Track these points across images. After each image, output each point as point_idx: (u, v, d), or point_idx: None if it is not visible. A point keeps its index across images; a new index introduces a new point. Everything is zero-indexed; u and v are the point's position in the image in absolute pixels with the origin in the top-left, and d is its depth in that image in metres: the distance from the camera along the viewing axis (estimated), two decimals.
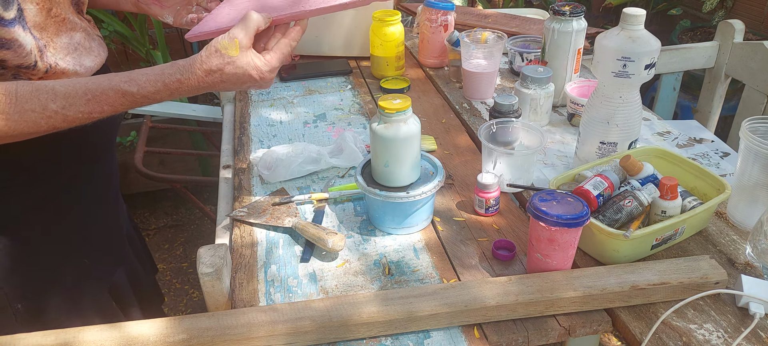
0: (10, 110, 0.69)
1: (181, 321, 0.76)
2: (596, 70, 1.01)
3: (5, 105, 0.68)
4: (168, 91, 0.77)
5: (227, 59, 0.78)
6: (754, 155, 0.90)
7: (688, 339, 0.76)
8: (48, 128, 0.73)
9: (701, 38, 2.76)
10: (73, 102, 0.73)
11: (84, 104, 0.73)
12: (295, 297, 0.85)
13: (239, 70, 0.79)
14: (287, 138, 1.28)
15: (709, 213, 0.95)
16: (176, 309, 2.15)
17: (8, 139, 0.71)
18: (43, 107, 0.71)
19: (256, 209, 1.03)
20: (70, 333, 0.74)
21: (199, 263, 0.81)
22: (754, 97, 1.65)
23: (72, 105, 0.73)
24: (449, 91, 1.49)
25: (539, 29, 1.70)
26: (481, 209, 1.01)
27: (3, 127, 0.69)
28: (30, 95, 0.70)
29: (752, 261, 0.89)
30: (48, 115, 0.71)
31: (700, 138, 1.27)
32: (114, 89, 0.75)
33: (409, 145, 0.92)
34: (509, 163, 1.05)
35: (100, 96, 0.74)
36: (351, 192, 1.06)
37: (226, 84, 0.80)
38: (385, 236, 0.97)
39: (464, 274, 0.89)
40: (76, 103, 0.73)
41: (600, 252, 0.89)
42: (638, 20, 0.96)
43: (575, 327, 0.80)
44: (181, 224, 2.58)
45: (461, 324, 0.80)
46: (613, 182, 0.92)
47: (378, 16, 1.50)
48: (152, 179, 1.78)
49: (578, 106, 1.29)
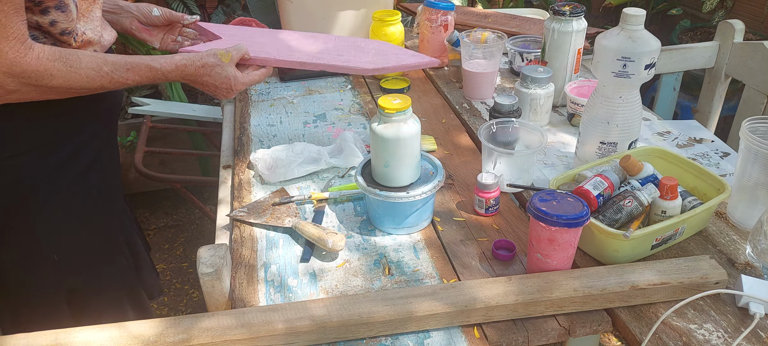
0: (75, 65, 0.86)
1: (181, 321, 0.76)
2: (596, 70, 1.01)
3: (73, 61, 0.85)
4: (178, 72, 1.00)
5: (219, 62, 1.02)
6: (754, 155, 0.90)
7: (688, 339, 0.76)
8: (98, 86, 0.90)
9: (701, 38, 2.76)
10: (117, 68, 0.92)
11: (125, 71, 0.92)
12: (295, 297, 0.85)
13: (223, 73, 1.03)
14: (287, 138, 1.28)
15: (709, 213, 0.95)
16: (176, 309, 2.15)
17: (68, 92, 0.88)
18: (98, 68, 0.89)
19: (256, 209, 1.03)
20: (70, 333, 0.74)
21: (199, 263, 0.81)
22: (754, 97, 1.65)
23: (117, 70, 0.91)
24: (449, 91, 1.49)
25: (539, 29, 1.70)
26: (481, 209, 1.01)
27: (69, 79, 0.85)
28: (89, 58, 0.88)
29: (752, 261, 0.89)
30: (101, 74, 0.89)
31: (700, 138, 1.27)
32: (145, 64, 0.96)
33: (409, 145, 0.92)
34: (509, 163, 1.05)
35: (135, 67, 0.94)
36: (351, 192, 1.06)
37: (209, 79, 1.03)
38: (385, 236, 0.97)
39: (464, 274, 0.89)
40: (119, 70, 0.92)
41: (600, 252, 0.89)
42: (638, 20, 0.96)
43: (575, 327, 0.80)
44: (181, 224, 2.58)
45: (461, 324, 0.80)
46: (613, 182, 0.92)
47: (378, 16, 1.50)
48: (152, 179, 1.78)
49: (578, 106, 1.29)
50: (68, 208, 0.98)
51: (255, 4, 1.90)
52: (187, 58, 1.01)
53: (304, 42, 1.21)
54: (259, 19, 1.71)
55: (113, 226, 1.10)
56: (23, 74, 0.80)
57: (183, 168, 2.63)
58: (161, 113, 2.12)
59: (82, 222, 1.01)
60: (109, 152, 1.07)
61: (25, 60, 0.79)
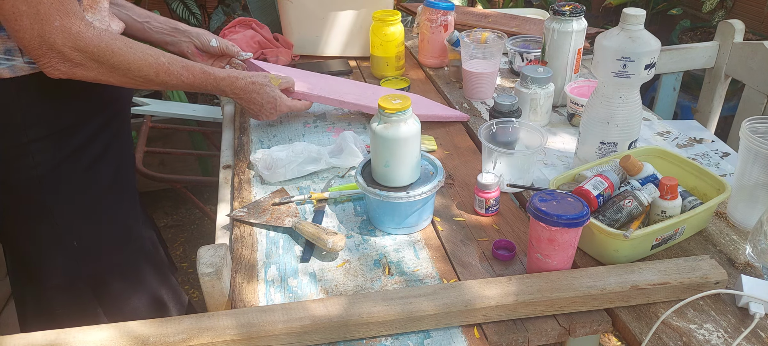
0: (134, 47, 0.93)
1: (181, 321, 0.76)
2: (596, 70, 1.01)
3: (132, 43, 0.93)
4: (229, 82, 1.09)
5: (268, 83, 1.16)
6: (754, 155, 0.90)
7: (688, 339, 0.76)
8: (154, 74, 0.95)
9: (701, 38, 2.76)
10: (175, 62, 0.99)
11: (181, 67, 1.00)
12: (295, 297, 0.85)
13: (271, 93, 1.16)
14: (287, 138, 1.28)
15: (709, 213, 0.95)
16: None
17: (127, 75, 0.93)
18: (156, 56, 0.96)
19: (256, 209, 1.03)
20: (70, 333, 0.74)
21: (199, 263, 0.81)
22: (754, 97, 1.65)
23: (174, 63, 0.99)
24: (449, 91, 1.49)
25: (539, 29, 1.70)
26: (481, 209, 1.01)
27: (133, 59, 0.92)
28: (148, 47, 0.95)
29: (752, 261, 0.89)
30: (159, 63, 0.96)
31: (700, 138, 1.27)
32: (200, 67, 1.03)
33: (409, 145, 0.92)
34: (509, 163, 1.05)
35: (191, 67, 1.02)
36: (351, 192, 1.06)
37: (257, 96, 1.15)
38: (385, 236, 0.97)
39: (464, 274, 0.89)
40: (176, 64, 0.99)
41: (600, 252, 0.89)
42: (638, 20, 0.96)
43: (575, 327, 0.80)
44: (181, 224, 2.58)
45: (461, 324, 0.80)
46: (613, 182, 0.92)
47: (378, 16, 1.50)
48: (152, 179, 1.78)
49: (578, 106, 1.29)
50: (84, 195, 1.00)
51: (255, 4, 1.90)
52: (239, 72, 1.12)
53: (343, 85, 1.40)
54: (259, 19, 1.72)
55: (130, 214, 1.11)
56: (86, 48, 0.86)
57: (183, 168, 2.63)
58: (161, 113, 2.12)
59: (99, 209, 1.03)
60: (123, 143, 1.09)
61: (88, 35, 0.86)
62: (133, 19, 1.20)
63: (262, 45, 1.65)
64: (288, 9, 1.64)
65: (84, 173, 0.99)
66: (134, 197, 1.15)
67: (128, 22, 1.20)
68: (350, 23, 1.65)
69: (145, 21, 1.22)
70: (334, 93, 1.33)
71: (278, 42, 1.68)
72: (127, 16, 1.19)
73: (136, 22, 1.21)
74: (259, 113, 1.18)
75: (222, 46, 1.29)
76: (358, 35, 1.66)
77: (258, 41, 1.65)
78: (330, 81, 1.42)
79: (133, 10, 1.20)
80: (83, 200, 1.00)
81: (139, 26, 1.21)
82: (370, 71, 1.60)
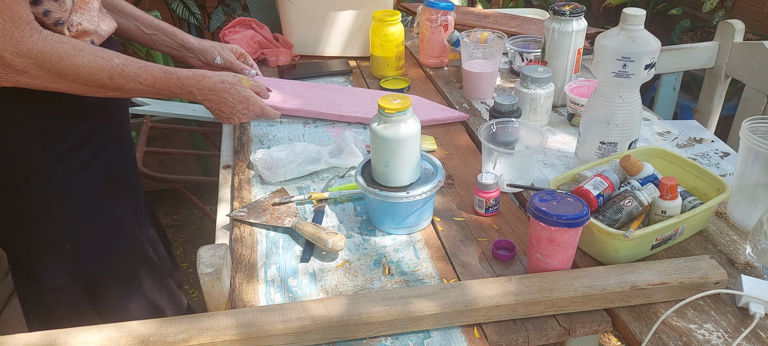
0: (84, 50, 0.87)
1: (182, 321, 0.76)
2: (596, 70, 1.01)
3: (81, 46, 0.87)
4: (194, 80, 1.02)
5: (239, 82, 1.08)
6: (754, 155, 0.90)
7: (688, 339, 0.76)
8: (107, 78, 0.90)
9: (701, 38, 2.76)
10: (129, 63, 0.93)
11: (137, 69, 0.94)
12: (295, 297, 0.85)
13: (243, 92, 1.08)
14: (287, 138, 1.28)
15: (709, 213, 0.95)
16: None
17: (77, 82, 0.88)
18: (109, 58, 0.90)
19: (256, 209, 1.03)
20: (70, 333, 0.74)
21: (199, 263, 0.81)
22: (754, 97, 1.65)
23: (129, 65, 0.92)
24: (449, 91, 1.49)
25: (539, 29, 1.70)
26: (481, 209, 1.01)
27: (81, 63, 0.87)
28: (99, 48, 0.90)
29: (752, 261, 0.89)
30: (111, 65, 0.90)
31: (700, 138, 1.27)
32: (158, 66, 0.97)
33: (409, 145, 0.92)
34: (509, 164, 1.05)
35: (149, 67, 0.95)
36: (351, 192, 1.06)
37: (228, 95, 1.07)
38: (385, 236, 0.97)
39: (464, 274, 0.89)
40: (131, 65, 0.93)
41: (600, 252, 0.89)
42: (638, 20, 0.96)
43: (575, 327, 0.80)
44: (181, 224, 2.58)
45: (461, 324, 0.80)
46: (613, 182, 0.92)
47: (378, 16, 1.50)
48: (152, 179, 1.78)
49: (578, 106, 1.29)
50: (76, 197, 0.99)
51: (255, 4, 1.90)
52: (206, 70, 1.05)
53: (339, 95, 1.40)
54: (259, 19, 1.72)
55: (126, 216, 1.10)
56: (30, 53, 0.82)
57: (183, 168, 2.63)
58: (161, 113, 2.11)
59: (92, 212, 1.02)
60: (118, 145, 1.08)
61: (31, 40, 0.81)
62: (142, 31, 1.20)
63: (262, 45, 1.66)
64: (288, 9, 1.64)
65: (75, 175, 0.98)
66: (134, 199, 1.14)
67: (136, 33, 1.20)
68: (350, 23, 1.65)
69: (152, 33, 1.21)
70: (333, 108, 1.34)
71: (278, 42, 1.68)
72: (136, 26, 1.19)
73: (145, 33, 1.20)
74: (232, 115, 1.10)
75: (227, 62, 1.28)
76: (358, 35, 1.66)
77: (258, 41, 1.65)
78: (326, 92, 1.42)
79: (142, 22, 1.19)
80: (74, 203, 0.99)
81: (146, 38, 1.21)
82: (370, 71, 1.60)
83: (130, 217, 1.11)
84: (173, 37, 1.24)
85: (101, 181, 1.02)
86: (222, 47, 1.30)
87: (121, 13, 1.17)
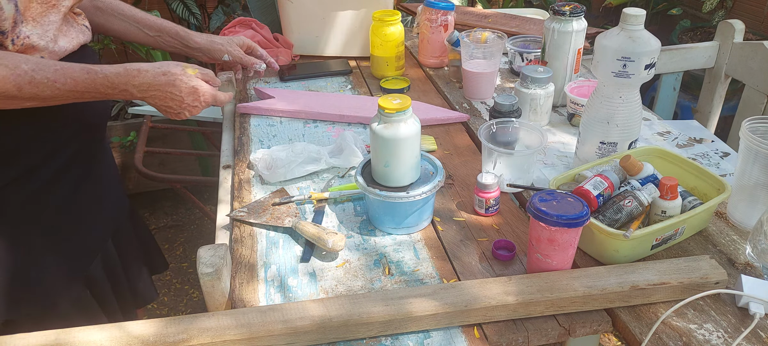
0: None
1: (181, 321, 0.76)
2: (596, 70, 1.01)
3: None
4: (128, 77, 0.90)
5: (183, 70, 0.96)
6: (754, 155, 0.90)
7: (688, 339, 0.76)
8: (14, 86, 0.79)
9: (701, 38, 2.76)
10: (42, 67, 0.81)
11: (52, 72, 0.82)
12: (295, 297, 0.85)
13: (188, 81, 0.96)
14: (287, 138, 1.28)
15: (709, 213, 0.95)
16: (176, 309, 2.15)
17: None
18: (15, 65, 0.79)
19: (256, 209, 1.03)
20: (70, 333, 0.74)
21: (199, 263, 0.81)
22: (754, 97, 1.65)
23: (41, 70, 0.81)
24: (449, 91, 1.49)
25: (539, 29, 1.70)
26: (481, 209, 1.01)
27: None
28: (5, 54, 0.79)
29: (752, 261, 0.89)
30: (18, 73, 0.79)
31: (700, 138, 1.27)
32: (80, 66, 0.85)
33: (409, 145, 0.92)
34: (509, 164, 1.05)
35: (67, 69, 0.84)
36: (351, 192, 1.06)
37: (174, 89, 0.95)
38: (385, 236, 0.97)
39: (464, 274, 0.89)
40: (44, 69, 0.81)
41: (600, 252, 0.89)
42: (638, 20, 0.96)
43: (575, 327, 0.80)
44: (181, 224, 2.58)
45: (461, 324, 0.80)
46: (613, 182, 0.92)
47: (378, 16, 1.50)
48: (152, 179, 1.78)
49: (578, 106, 1.29)
50: (28, 224, 0.92)
51: (255, 4, 1.90)
52: (142, 63, 0.92)
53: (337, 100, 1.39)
54: (259, 19, 1.72)
55: (84, 249, 1.02)
56: None
57: (183, 168, 2.63)
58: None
59: (44, 242, 0.94)
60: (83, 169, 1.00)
61: None
62: (145, 33, 1.18)
63: (262, 45, 1.65)
64: (288, 9, 1.64)
65: (28, 201, 0.91)
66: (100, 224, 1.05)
67: (139, 35, 1.17)
68: (350, 23, 1.65)
69: (157, 35, 1.19)
70: (334, 109, 1.34)
71: (278, 42, 1.68)
72: (138, 29, 1.17)
73: (149, 36, 1.18)
74: (181, 109, 0.98)
75: (235, 58, 1.25)
76: (358, 35, 1.66)
77: (258, 41, 1.65)
78: (327, 97, 1.43)
79: (145, 24, 1.17)
80: (26, 231, 0.92)
81: (150, 40, 1.19)
82: (370, 71, 1.60)
83: (91, 246, 1.03)
84: (178, 38, 1.21)
85: (57, 208, 0.95)
86: (229, 43, 1.26)
87: (122, 17, 1.15)
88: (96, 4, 1.13)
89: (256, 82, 1.55)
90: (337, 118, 1.33)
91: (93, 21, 1.10)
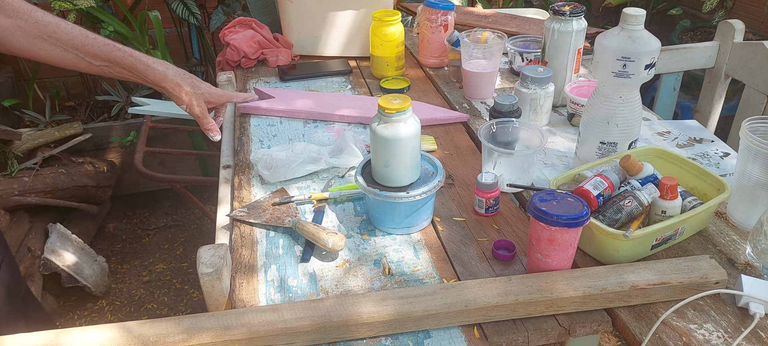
0: None
1: (181, 321, 0.76)
2: (596, 70, 1.01)
3: None
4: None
5: None
6: (754, 155, 0.90)
7: (688, 339, 0.76)
8: None
9: (701, 38, 2.76)
10: None
11: None
12: (295, 297, 0.85)
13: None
14: (287, 138, 1.28)
15: (709, 213, 0.95)
16: (176, 309, 2.15)
17: None
18: None
19: (256, 209, 1.03)
20: (70, 333, 0.74)
21: (199, 263, 0.81)
22: (754, 97, 1.65)
23: None
24: (449, 91, 1.49)
25: (539, 29, 1.70)
26: (481, 209, 1.01)
27: None
28: None
29: (752, 261, 0.89)
30: None
31: (700, 138, 1.27)
32: None
33: (409, 145, 0.92)
34: (509, 164, 1.05)
35: None
36: (351, 192, 1.06)
37: None
38: (385, 236, 0.97)
39: (464, 274, 0.89)
40: None
41: (600, 252, 0.89)
42: (638, 20, 0.96)
43: (575, 327, 0.80)
44: (181, 224, 2.58)
45: (461, 324, 0.80)
46: (613, 181, 0.92)
47: (378, 16, 1.50)
48: (152, 179, 1.78)
49: (578, 106, 1.29)
50: None
51: (255, 4, 1.90)
52: None
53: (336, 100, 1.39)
54: (259, 19, 1.72)
55: None
56: None
57: (183, 168, 2.63)
58: (161, 113, 2.12)
59: None
60: None
61: None
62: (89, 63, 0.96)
63: (262, 45, 1.66)
64: (288, 9, 1.64)
65: None
66: None
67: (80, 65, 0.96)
68: (350, 23, 1.65)
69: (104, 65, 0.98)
70: (334, 109, 1.34)
71: (278, 42, 1.68)
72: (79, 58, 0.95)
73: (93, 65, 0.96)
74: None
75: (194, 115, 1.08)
76: (357, 35, 1.66)
77: (258, 41, 1.65)
78: (326, 97, 1.43)
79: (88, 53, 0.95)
80: None
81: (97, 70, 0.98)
82: (370, 71, 1.60)
83: None
84: (133, 71, 0.97)
85: None
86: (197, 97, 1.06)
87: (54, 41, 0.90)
88: (18, 24, 0.88)
89: (256, 82, 1.55)
90: (337, 118, 1.33)
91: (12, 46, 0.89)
